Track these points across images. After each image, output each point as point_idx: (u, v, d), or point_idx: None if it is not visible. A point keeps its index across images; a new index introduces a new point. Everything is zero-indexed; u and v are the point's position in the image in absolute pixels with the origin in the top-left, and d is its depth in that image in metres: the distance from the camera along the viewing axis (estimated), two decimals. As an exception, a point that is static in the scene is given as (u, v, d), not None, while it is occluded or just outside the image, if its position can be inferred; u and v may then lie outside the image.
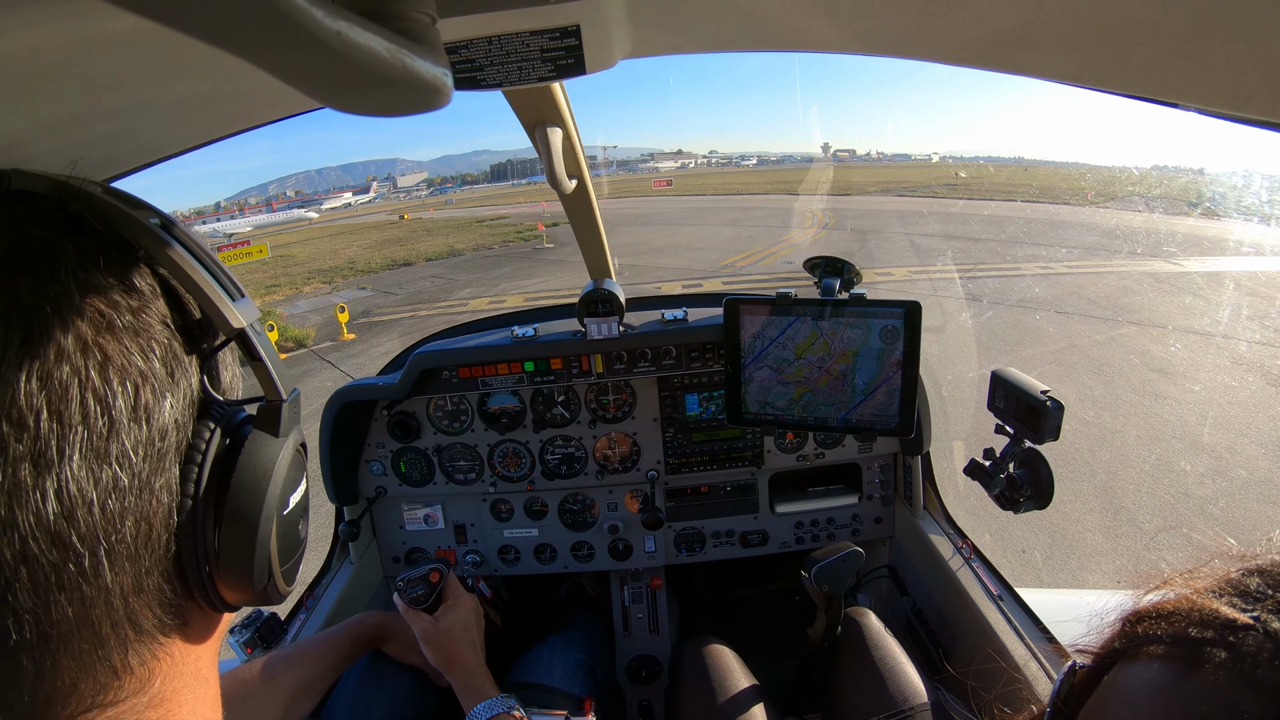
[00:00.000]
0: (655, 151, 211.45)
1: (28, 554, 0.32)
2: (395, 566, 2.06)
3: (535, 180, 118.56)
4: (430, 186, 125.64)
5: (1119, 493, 4.97)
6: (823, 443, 1.97)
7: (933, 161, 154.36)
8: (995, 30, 0.60)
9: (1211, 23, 0.46)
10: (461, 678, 1.25)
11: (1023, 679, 1.28)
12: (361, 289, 18.13)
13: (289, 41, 0.31)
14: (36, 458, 0.32)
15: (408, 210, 53.15)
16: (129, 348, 0.36)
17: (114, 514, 0.34)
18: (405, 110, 0.42)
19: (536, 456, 1.94)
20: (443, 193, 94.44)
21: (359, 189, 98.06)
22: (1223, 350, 7.90)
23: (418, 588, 1.28)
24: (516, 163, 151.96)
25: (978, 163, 76.25)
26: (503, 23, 0.66)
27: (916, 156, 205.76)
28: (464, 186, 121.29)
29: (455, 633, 1.28)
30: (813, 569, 1.43)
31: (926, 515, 1.87)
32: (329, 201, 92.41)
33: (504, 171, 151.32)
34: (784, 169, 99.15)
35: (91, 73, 0.57)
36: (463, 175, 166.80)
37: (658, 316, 1.82)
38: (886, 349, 1.44)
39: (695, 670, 1.61)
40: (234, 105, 0.80)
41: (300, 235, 40.95)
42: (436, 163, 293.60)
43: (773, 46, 0.76)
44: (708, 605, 2.48)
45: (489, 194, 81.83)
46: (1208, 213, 22.80)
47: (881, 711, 1.32)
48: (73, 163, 0.42)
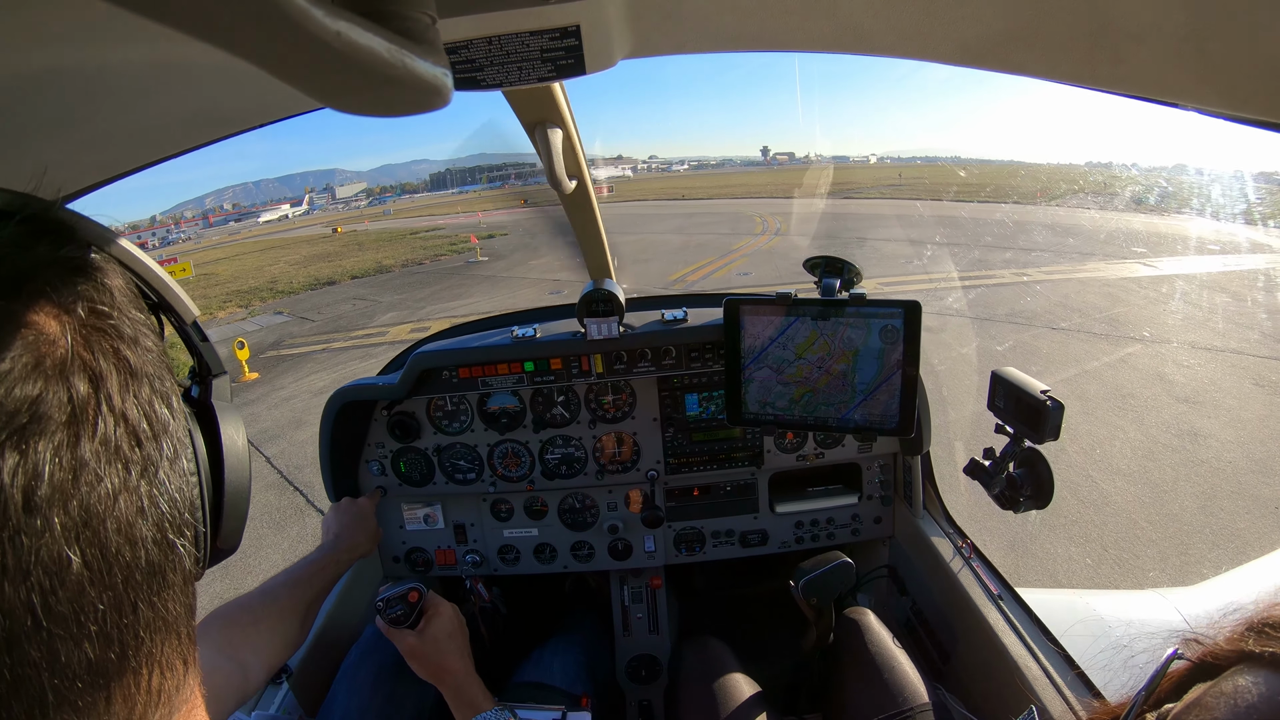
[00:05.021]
0: (595, 158, 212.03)
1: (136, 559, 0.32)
2: (395, 566, 2.06)
3: (472, 188, 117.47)
4: (369, 197, 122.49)
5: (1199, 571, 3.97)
6: (822, 443, 1.97)
7: (870, 163, 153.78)
8: (995, 30, 0.61)
9: (1211, 23, 0.46)
10: (453, 689, 1.23)
11: (1023, 679, 1.28)
12: (278, 313, 16.33)
13: (289, 41, 0.31)
14: (145, 465, 0.33)
15: (342, 222, 50.71)
16: (141, 356, 0.36)
17: (146, 495, 0.34)
18: (405, 110, 0.42)
19: (536, 456, 1.94)
20: (382, 203, 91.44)
21: (296, 201, 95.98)
22: (1236, 368, 7.32)
23: (397, 607, 1.27)
24: (456, 171, 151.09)
25: (915, 163, 75.38)
26: (503, 23, 0.66)
27: (854, 158, 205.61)
28: (403, 196, 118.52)
29: (440, 642, 1.26)
30: (801, 581, 1.41)
31: (926, 515, 1.87)
32: (266, 214, 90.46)
33: (444, 180, 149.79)
34: (724, 173, 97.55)
35: (85, 74, 0.57)
36: (402, 184, 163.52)
37: (658, 316, 1.82)
38: (886, 349, 1.44)
39: (695, 670, 1.61)
40: (233, 106, 0.80)
41: (230, 251, 39.67)
42: (376, 172, 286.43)
43: (773, 46, 0.76)
44: (707, 605, 2.48)
45: (428, 203, 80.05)
46: (1157, 208, 22.79)
47: (881, 711, 1.32)
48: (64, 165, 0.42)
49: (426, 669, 1.25)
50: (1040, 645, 1.34)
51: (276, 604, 1.24)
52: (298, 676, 1.51)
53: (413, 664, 1.26)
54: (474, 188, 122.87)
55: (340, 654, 1.61)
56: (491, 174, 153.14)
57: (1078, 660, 1.28)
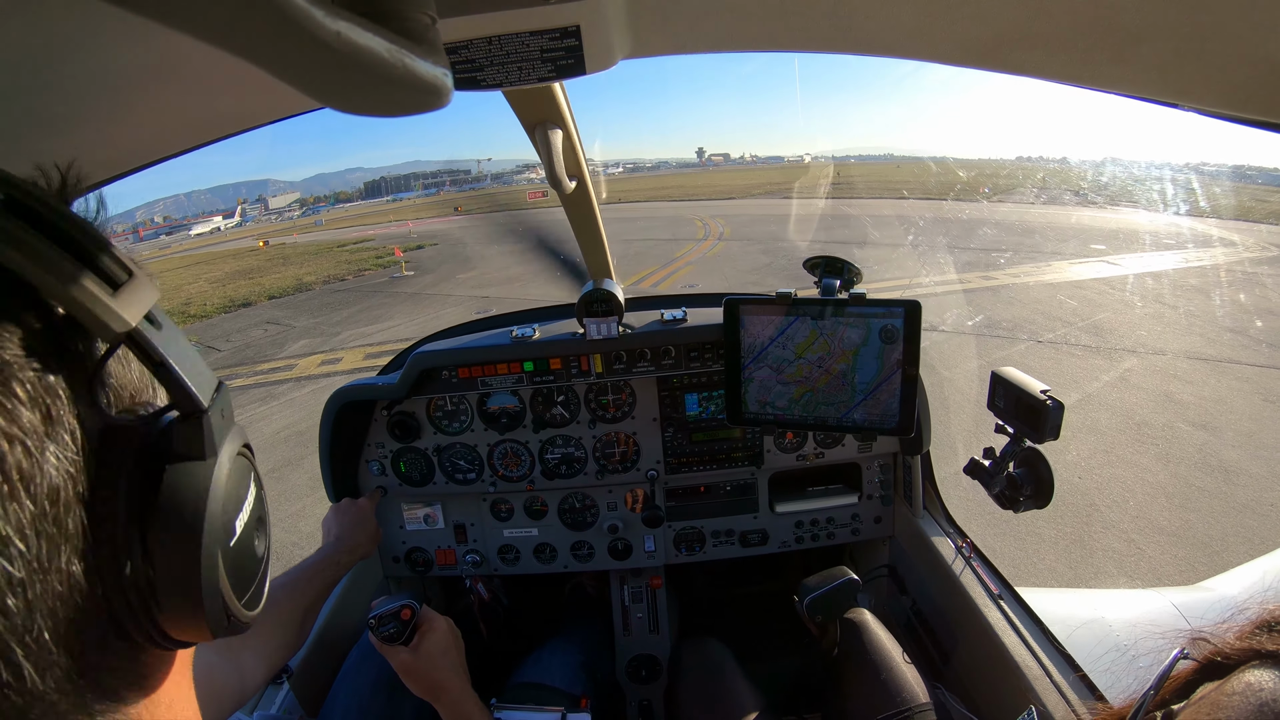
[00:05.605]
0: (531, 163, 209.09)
1: None
2: (395, 566, 2.06)
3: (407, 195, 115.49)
4: (303, 206, 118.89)
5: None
6: (822, 442, 1.97)
7: (805, 162, 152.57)
8: (995, 30, 0.61)
9: (1211, 23, 0.46)
10: (449, 706, 1.21)
11: (1023, 679, 1.28)
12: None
13: (289, 41, 0.31)
14: None
15: (274, 234, 48.16)
16: None
17: (17, 611, 0.28)
18: (405, 110, 0.42)
19: (536, 456, 1.95)
20: (316, 212, 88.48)
21: (229, 213, 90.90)
22: (1239, 380, 6.88)
23: (390, 625, 1.25)
24: (390, 179, 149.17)
25: (849, 161, 74.23)
26: (503, 23, 0.66)
27: (789, 158, 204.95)
28: (337, 205, 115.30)
29: (435, 658, 1.24)
30: (806, 598, 1.40)
31: (926, 515, 1.87)
32: (198, 227, 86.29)
33: (378, 188, 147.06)
34: (660, 175, 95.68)
35: (86, 74, 0.57)
36: (336, 194, 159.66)
37: (657, 316, 1.82)
38: (886, 348, 1.44)
39: (695, 670, 1.61)
40: (232, 106, 0.80)
41: (156, 267, 38.20)
42: (310, 181, 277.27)
43: (772, 47, 0.76)
44: (707, 605, 2.48)
45: (361, 212, 77.72)
46: (1098, 203, 22.90)
47: (881, 712, 1.32)
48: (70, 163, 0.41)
49: (421, 686, 1.23)
50: (1041, 645, 1.34)
51: (276, 607, 1.23)
52: (298, 677, 1.51)
53: (407, 681, 1.23)
54: (409, 195, 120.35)
55: (340, 654, 1.61)
56: (427, 180, 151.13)
57: (1079, 660, 1.28)
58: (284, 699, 1.45)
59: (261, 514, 0.44)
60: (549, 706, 1.45)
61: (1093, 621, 1.63)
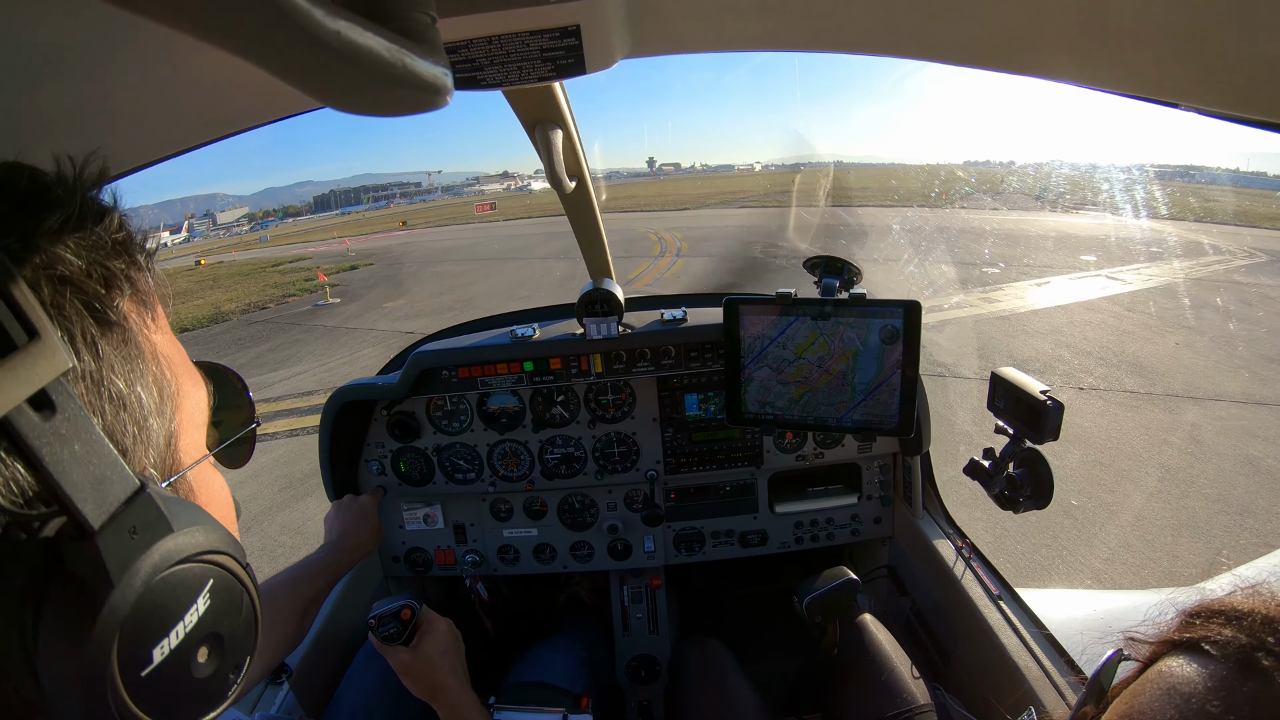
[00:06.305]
0: (481, 174, 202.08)
1: None
2: (395, 566, 2.06)
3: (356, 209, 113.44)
4: (251, 221, 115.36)
5: None
6: (822, 443, 1.97)
7: (755, 171, 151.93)
8: (995, 30, 0.61)
9: (1211, 23, 0.46)
10: (448, 707, 1.21)
11: (1023, 680, 1.28)
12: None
13: (289, 41, 0.31)
14: None
15: (215, 251, 45.40)
16: None
17: None
18: (405, 110, 0.42)
19: (536, 456, 1.94)
20: (264, 227, 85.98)
21: (176, 228, 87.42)
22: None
23: (390, 625, 1.25)
24: (340, 193, 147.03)
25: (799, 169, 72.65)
26: (503, 23, 0.66)
27: (739, 167, 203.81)
28: (286, 220, 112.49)
29: (434, 659, 1.24)
30: (805, 599, 1.40)
31: (926, 515, 1.87)
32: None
33: (327, 202, 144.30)
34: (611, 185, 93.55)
35: (85, 73, 0.57)
36: (285, 208, 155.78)
37: (657, 316, 1.82)
38: (886, 349, 1.44)
39: (695, 670, 1.61)
40: (231, 106, 0.80)
41: None
42: (259, 195, 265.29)
43: (772, 46, 0.76)
44: (707, 605, 2.48)
45: (309, 227, 75.64)
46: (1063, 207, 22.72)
47: (881, 712, 1.32)
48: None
49: (420, 686, 1.22)
50: (1041, 646, 1.34)
51: (275, 603, 1.23)
52: (298, 677, 1.51)
53: (406, 681, 1.23)
54: (358, 208, 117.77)
55: (340, 654, 1.61)
56: (375, 194, 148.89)
57: (1078, 661, 1.28)
58: (284, 699, 1.45)
59: (217, 630, 0.38)
60: (549, 707, 1.45)
61: (1093, 621, 1.63)
